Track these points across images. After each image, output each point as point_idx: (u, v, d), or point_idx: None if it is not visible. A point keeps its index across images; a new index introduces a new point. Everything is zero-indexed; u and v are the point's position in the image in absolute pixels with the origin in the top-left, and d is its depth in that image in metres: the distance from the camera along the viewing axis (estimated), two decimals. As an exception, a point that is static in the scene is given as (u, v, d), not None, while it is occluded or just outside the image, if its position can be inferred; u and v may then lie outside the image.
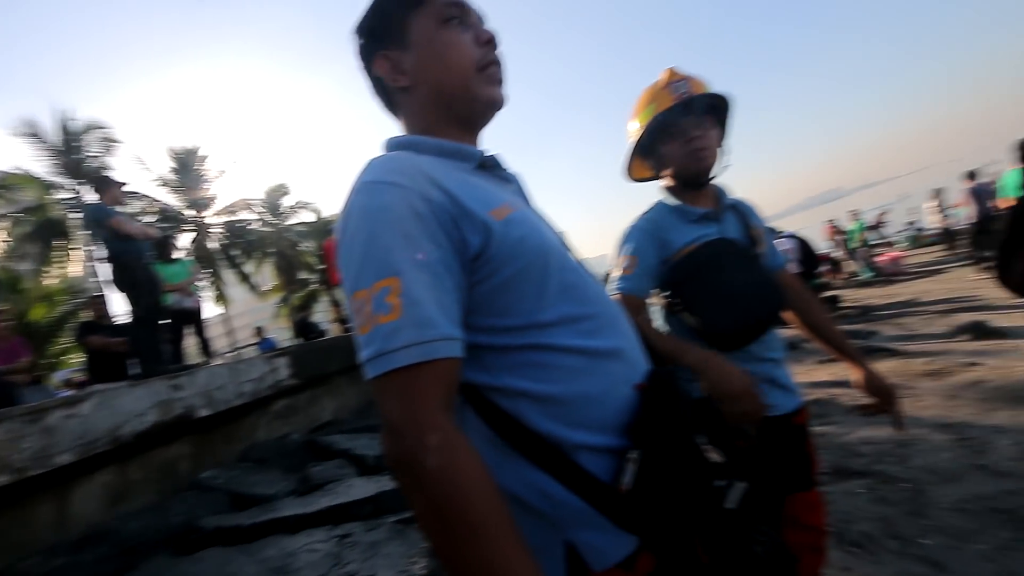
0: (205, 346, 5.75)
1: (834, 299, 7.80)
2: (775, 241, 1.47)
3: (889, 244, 14.77)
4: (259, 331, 11.83)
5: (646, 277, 1.26)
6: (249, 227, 19.42)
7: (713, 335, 1.17)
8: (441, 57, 0.75)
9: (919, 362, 3.99)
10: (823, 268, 10.14)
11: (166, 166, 17.93)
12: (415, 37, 0.77)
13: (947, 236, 10.93)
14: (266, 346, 9.80)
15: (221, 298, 18.31)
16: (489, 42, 0.78)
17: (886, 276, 10.19)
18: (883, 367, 4.11)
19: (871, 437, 2.90)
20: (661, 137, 1.30)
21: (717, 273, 1.22)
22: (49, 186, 14.18)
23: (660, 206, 1.33)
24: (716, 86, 1.29)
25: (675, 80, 1.28)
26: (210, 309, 19.48)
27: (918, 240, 14.02)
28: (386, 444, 0.58)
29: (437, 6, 0.76)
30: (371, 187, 0.65)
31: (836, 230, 15.80)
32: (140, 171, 17.57)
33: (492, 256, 0.65)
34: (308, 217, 20.81)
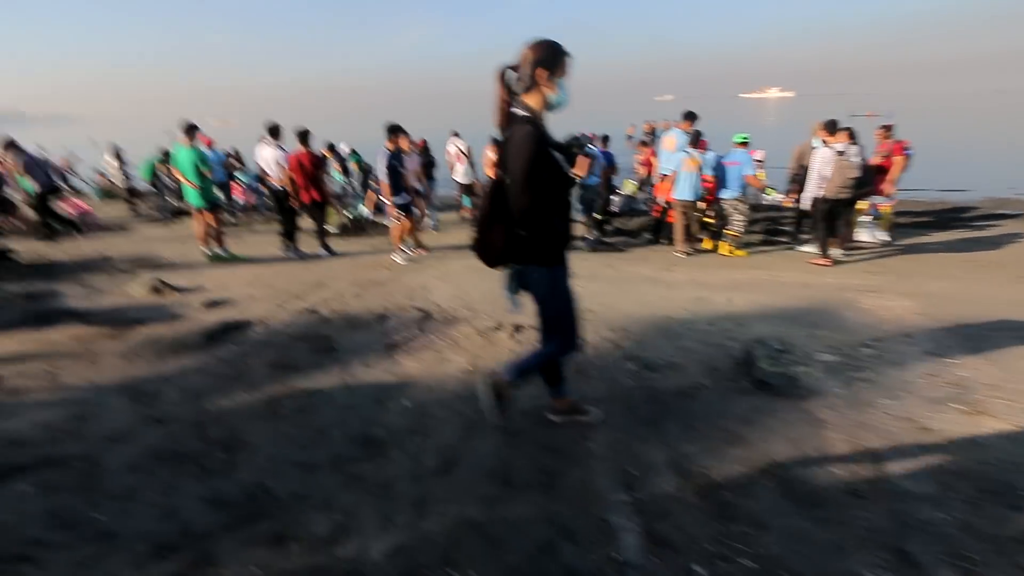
0: None
1: (4, 252, 6.43)
2: None
3: (77, 193, 13.79)
4: None
5: None
6: None
7: None
8: None
9: (102, 326, 3.93)
10: (-11, 213, 8.15)
11: None
12: None
13: (131, 193, 11.45)
14: None
15: None
16: None
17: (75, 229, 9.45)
18: (65, 333, 3.78)
19: (43, 419, 2.58)
20: None
21: None
22: None
23: None
24: None
25: None
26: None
27: (109, 194, 13.83)
28: None
29: None
30: None
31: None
32: None
33: None
34: None
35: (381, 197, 6.99)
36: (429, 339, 3.64)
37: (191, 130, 6.50)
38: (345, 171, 10.01)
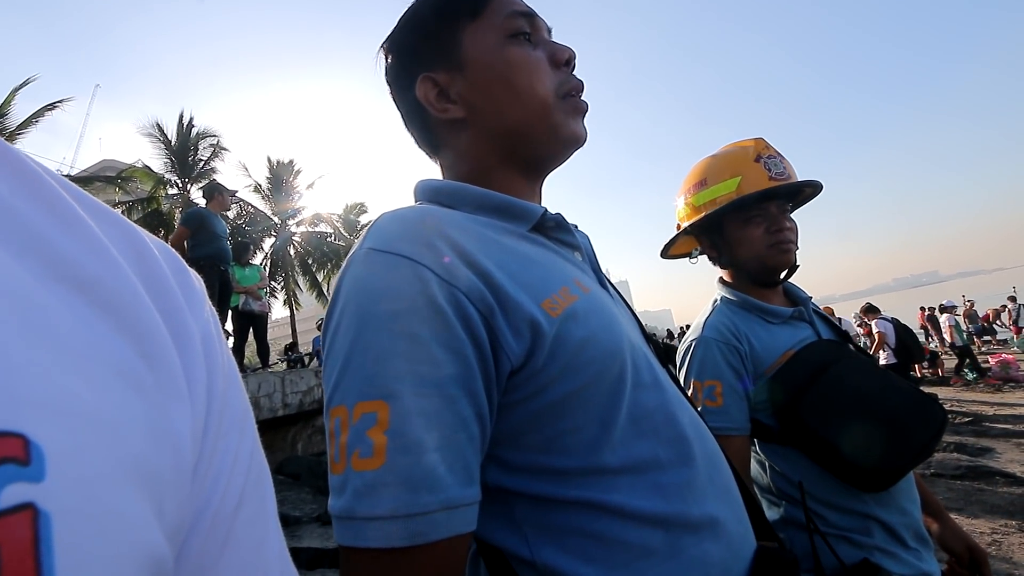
0: (264, 351, 5.88)
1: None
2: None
3: (999, 343, 13.21)
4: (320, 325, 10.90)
5: (740, 404, 0.97)
6: (327, 239, 20.41)
7: (861, 470, 0.88)
8: (509, 81, 0.56)
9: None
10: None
11: (262, 175, 19.30)
12: (472, 55, 0.58)
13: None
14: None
15: (291, 302, 19.21)
16: (569, 62, 0.59)
17: (996, 380, 8.99)
18: (1002, 499, 3.47)
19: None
20: (734, 217, 1.07)
21: (849, 383, 0.96)
22: (162, 181, 15.67)
23: (727, 307, 1.07)
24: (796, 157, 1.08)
25: (770, 155, 1.06)
26: (279, 311, 20.36)
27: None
28: None
29: (501, 16, 0.57)
30: (372, 258, 0.46)
31: (932, 319, 14.35)
32: (240, 177, 18.95)
33: (540, 368, 0.45)
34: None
35: None
36: None
37: None
38: None
